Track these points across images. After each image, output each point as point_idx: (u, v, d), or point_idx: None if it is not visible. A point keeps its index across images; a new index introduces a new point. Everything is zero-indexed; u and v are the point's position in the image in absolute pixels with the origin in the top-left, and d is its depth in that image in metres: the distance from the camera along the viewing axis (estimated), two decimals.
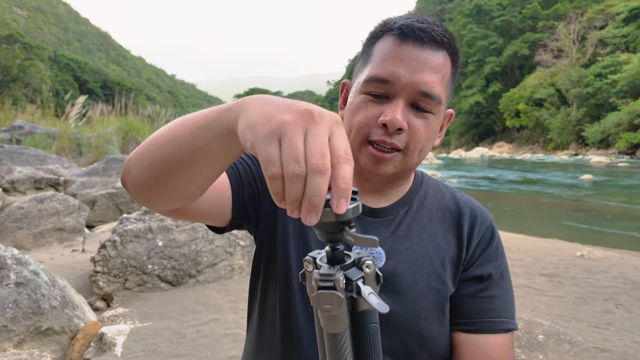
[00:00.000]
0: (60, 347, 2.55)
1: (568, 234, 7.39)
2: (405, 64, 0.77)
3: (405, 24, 0.78)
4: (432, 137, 0.82)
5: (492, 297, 0.85)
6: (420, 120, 0.78)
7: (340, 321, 0.47)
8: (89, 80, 69.97)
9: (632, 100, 38.55)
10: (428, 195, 0.92)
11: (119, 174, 7.37)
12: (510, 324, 0.84)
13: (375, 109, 0.78)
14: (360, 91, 0.81)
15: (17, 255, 2.68)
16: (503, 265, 0.89)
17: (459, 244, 0.87)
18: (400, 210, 0.88)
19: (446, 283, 0.84)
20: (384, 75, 0.77)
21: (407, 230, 0.86)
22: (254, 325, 0.91)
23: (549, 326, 2.84)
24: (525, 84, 54.45)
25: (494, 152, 50.30)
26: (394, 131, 0.76)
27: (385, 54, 0.79)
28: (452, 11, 79.87)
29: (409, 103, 0.78)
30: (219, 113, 0.55)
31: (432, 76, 0.77)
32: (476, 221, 0.89)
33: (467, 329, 0.84)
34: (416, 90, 0.76)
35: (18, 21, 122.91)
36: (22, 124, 10.55)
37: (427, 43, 0.77)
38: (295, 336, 0.81)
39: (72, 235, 5.06)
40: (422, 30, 0.77)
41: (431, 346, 0.81)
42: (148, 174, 0.64)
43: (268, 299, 0.86)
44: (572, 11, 56.79)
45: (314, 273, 0.47)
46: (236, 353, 2.52)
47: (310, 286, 0.50)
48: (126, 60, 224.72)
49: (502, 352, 0.82)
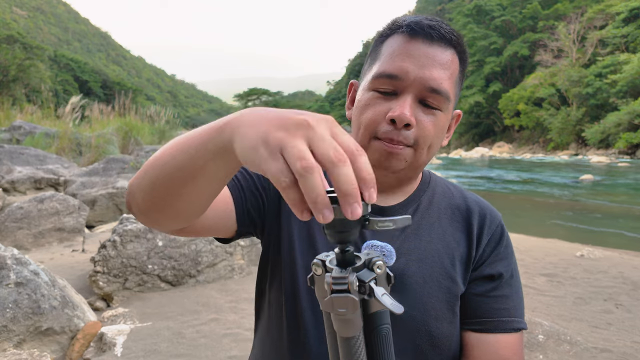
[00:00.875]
0: (60, 347, 2.55)
1: (568, 234, 7.39)
2: (414, 59, 0.77)
3: (415, 21, 0.79)
4: (441, 134, 0.82)
5: (503, 297, 0.85)
6: (428, 117, 0.78)
7: (355, 324, 0.47)
8: (89, 80, 69.96)
9: (632, 100, 38.55)
10: (436, 194, 0.91)
11: (119, 174, 7.39)
12: (520, 323, 0.84)
13: (384, 105, 0.78)
14: (369, 88, 0.81)
15: (17, 255, 2.68)
16: (513, 264, 0.88)
17: (468, 243, 0.86)
18: (409, 208, 0.88)
19: (456, 282, 0.83)
20: (393, 70, 0.77)
21: (416, 228, 0.86)
22: (262, 328, 0.90)
23: (549, 326, 2.84)
24: (525, 84, 54.45)
25: (494, 152, 50.30)
26: (402, 127, 0.76)
27: (394, 50, 0.79)
28: (452, 11, 79.86)
29: (417, 99, 0.78)
30: (212, 133, 0.54)
31: (440, 72, 0.77)
32: (486, 220, 0.88)
33: (477, 328, 0.83)
34: (424, 86, 0.77)
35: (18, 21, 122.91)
36: (22, 124, 10.56)
37: (436, 40, 0.78)
38: (302, 341, 0.80)
39: (72, 235, 5.06)
40: (431, 27, 0.78)
41: (441, 345, 0.81)
42: (152, 196, 0.64)
43: (274, 302, 0.86)
44: (572, 11, 56.77)
45: (326, 276, 0.46)
46: (236, 353, 2.52)
47: (320, 290, 0.49)
48: (126, 60, 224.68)
49: (513, 351, 0.82)
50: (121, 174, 7.41)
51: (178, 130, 14.66)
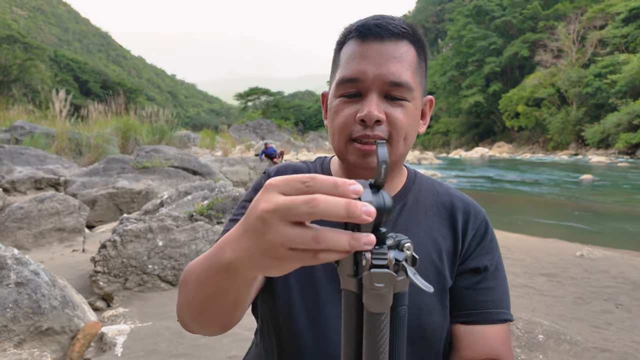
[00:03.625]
0: (60, 347, 2.55)
1: (568, 234, 7.39)
2: (369, 59, 0.80)
3: (362, 24, 0.83)
4: (414, 124, 0.85)
5: (489, 289, 0.88)
6: (396, 109, 0.81)
7: (388, 300, 0.48)
8: (89, 80, 69.99)
9: (631, 100, 38.56)
10: (422, 192, 0.94)
11: (119, 174, 7.39)
12: (506, 314, 0.87)
13: (352, 108, 0.81)
14: (335, 95, 0.84)
15: (17, 255, 2.68)
16: (497, 257, 0.91)
17: (454, 237, 0.89)
18: (396, 206, 0.90)
19: (445, 276, 0.86)
20: (352, 74, 0.81)
21: (404, 225, 0.88)
22: (257, 336, 0.92)
23: (549, 326, 2.84)
24: (525, 84, 54.46)
25: (494, 152, 50.30)
26: (372, 124, 0.79)
27: (350, 55, 0.82)
28: (452, 11, 79.85)
29: (382, 95, 0.81)
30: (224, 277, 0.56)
31: (397, 65, 0.80)
32: (470, 215, 0.91)
33: (466, 320, 0.86)
34: (384, 81, 0.79)
35: (18, 21, 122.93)
36: (22, 124, 10.57)
37: (386, 37, 0.81)
38: (298, 346, 0.81)
39: (72, 235, 5.06)
40: (378, 26, 0.81)
41: (432, 338, 0.83)
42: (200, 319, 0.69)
43: (265, 311, 0.87)
44: (572, 11, 56.78)
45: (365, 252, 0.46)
46: (236, 353, 2.52)
47: (346, 267, 0.49)
48: (126, 61, 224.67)
49: (501, 342, 0.85)
50: (121, 174, 7.41)
51: (178, 129, 14.66)
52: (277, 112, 58.96)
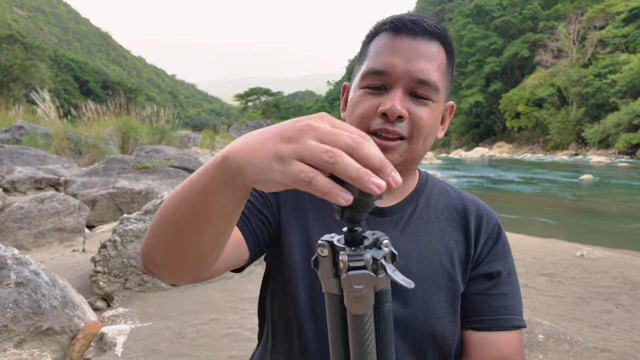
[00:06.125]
0: (60, 347, 2.55)
1: (568, 234, 7.38)
2: (400, 54, 0.78)
3: (397, 18, 0.81)
4: (435, 125, 0.83)
5: (502, 295, 0.85)
6: (420, 107, 0.79)
7: (369, 301, 0.47)
8: (90, 80, 70.00)
9: (631, 100, 38.55)
10: (434, 194, 0.92)
11: (119, 174, 7.39)
12: (520, 321, 0.85)
13: (375, 100, 0.79)
14: (359, 87, 0.82)
15: (17, 255, 2.68)
16: (510, 263, 0.89)
17: (466, 242, 0.87)
18: (407, 208, 0.88)
19: (456, 281, 0.84)
20: (380, 66, 0.79)
21: (415, 228, 0.86)
22: (264, 338, 0.92)
23: (549, 326, 2.84)
24: (525, 84, 54.45)
25: (494, 152, 50.29)
26: (394, 119, 0.77)
27: (380, 47, 0.81)
28: (452, 11, 79.87)
29: (407, 92, 0.79)
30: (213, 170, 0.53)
31: (427, 64, 0.78)
32: (483, 219, 0.89)
33: (478, 326, 0.84)
34: (413, 78, 0.78)
35: (18, 21, 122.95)
36: (22, 124, 10.56)
37: (420, 34, 0.79)
38: (304, 347, 0.80)
39: (72, 235, 5.06)
40: (413, 22, 0.80)
41: (443, 344, 0.81)
42: (171, 250, 0.62)
43: (275, 312, 0.86)
44: (572, 11, 56.76)
45: (341, 255, 0.47)
46: (236, 353, 2.52)
47: (325, 271, 0.49)
48: (126, 61, 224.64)
49: (514, 349, 0.83)
50: (121, 174, 7.41)
51: (178, 129, 14.65)
52: (277, 112, 58.96)
